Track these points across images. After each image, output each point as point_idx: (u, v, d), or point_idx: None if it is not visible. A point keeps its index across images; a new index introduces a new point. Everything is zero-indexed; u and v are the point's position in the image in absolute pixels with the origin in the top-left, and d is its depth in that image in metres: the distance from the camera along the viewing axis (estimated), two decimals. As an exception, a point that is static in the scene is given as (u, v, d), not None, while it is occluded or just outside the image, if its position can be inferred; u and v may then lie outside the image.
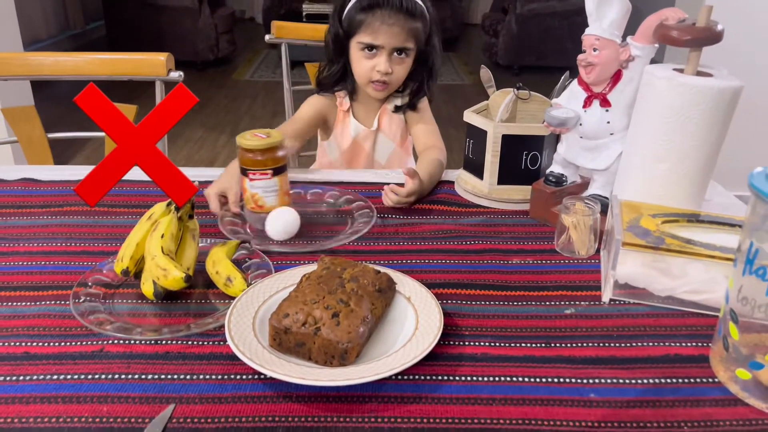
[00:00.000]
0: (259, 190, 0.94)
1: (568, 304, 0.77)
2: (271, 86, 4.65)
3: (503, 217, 1.01)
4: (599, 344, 0.69)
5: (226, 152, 3.32)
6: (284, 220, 0.92)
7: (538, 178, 1.03)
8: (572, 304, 0.77)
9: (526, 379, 0.63)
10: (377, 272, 0.72)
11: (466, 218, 1.01)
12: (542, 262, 0.87)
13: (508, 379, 0.63)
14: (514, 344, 0.69)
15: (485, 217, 1.01)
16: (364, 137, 1.32)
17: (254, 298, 0.72)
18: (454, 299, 0.77)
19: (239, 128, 0.96)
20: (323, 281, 0.69)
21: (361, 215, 0.99)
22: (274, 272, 0.79)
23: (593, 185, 0.99)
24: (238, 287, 0.76)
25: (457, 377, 0.63)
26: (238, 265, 0.81)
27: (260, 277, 0.79)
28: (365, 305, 0.66)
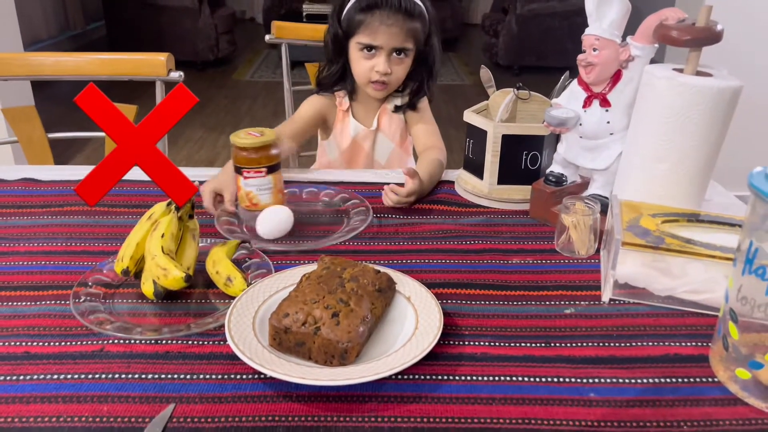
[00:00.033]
0: (253, 188, 0.95)
1: (568, 303, 0.77)
2: (271, 86, 4.66)
3: (503, 217, 1.01)
4: (599, 344, 0.69)
5: (226, 152, 3.32)
6: (275, 218, 0.92)
7: (538, 178, 1.03)
8: (572, 303, 0.77)
9: (525, 378, 0.63)
10: (377, 272, 0.72)
11: (466, 218, 1.01)
12: (542, 261, 0.87)
13: (507, 378, 0.63)
14: (513, 344, 0.69)
15: (485, 217, 1.01)
16: (363, 137, 1.32)
17: (254, 297, 0.72)
18: (454, 299, 0.77)
19: (239, 128, 0.96)
20: (323, 281, 0.69)
21: (356, 213, 0.99)
22: (274, 272, 0.79)
23: (593, 185, 0.99)
24: (238, 287, 0.76)
25: (457, 377, 0.63)
26: (238, 264, 0.81)
27: (260, 276, 0.79)
28: (365, 305, 0.66)
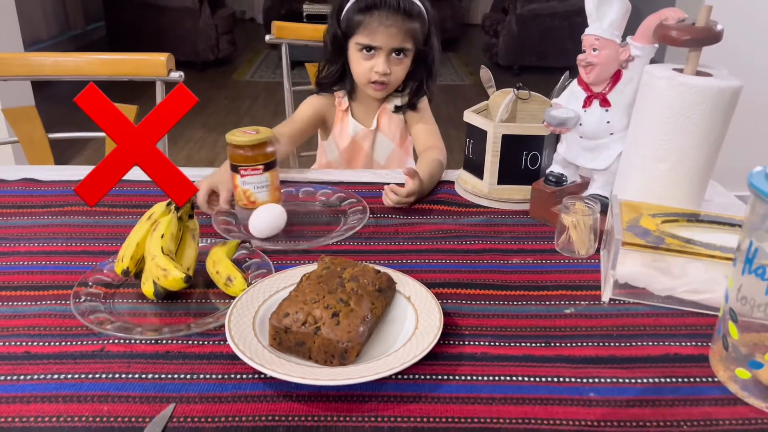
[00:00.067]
0: (250, 186, 0.95)
1: (568, 303, 0.77)
2: (271, 86, 4.66)
3: (503, 217, 1.01)
4: (599, 344, 0.69)
5: (226, 153, 3.31)
6: (268, 217, 0.92)
7: (538, 178, 1.03)
8: (572, 303, 0.77)
9: (525, 378, 0.63)
10: (377, 272, 0.72)
11: (466, 218, 1.01)
12: (542, 261, 0.87)
13: (507, 378, 0.63)
14: (514, 344, 0.69)
15: (485, 217, 1.01)
16: (362, 137, 1.32)
17: (254, 297, 0.72)
18: (454, 299, 0.77)
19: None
20: (323, 281, 0.69)
21: (353, 213, 1.00)
22: (274, 272, 0.79)
23: (593, 185, 0.99)
24: (238, 287, 0.76)
25: (457, 377, 0.63)
26: (238, 264, 0.81)
27: (260, 276, 0.79)
28: (365, 305, 0.66)
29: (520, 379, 0.63)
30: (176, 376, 0.63)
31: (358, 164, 1.35)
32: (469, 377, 0.63)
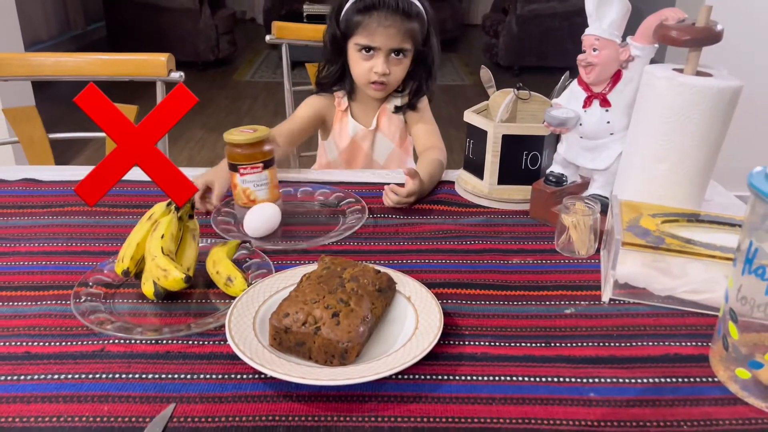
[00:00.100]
0: (250, 184, 0.95)
1: (568, 303, 0.77)
2: (271, 87, 4.66)
3: (503, 217, 1.01)
4: (599, 344, 0.69)
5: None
6: (262, 216, 0.92)
7: (538, 178, 1.03)
8: (572, 303, 0.77)
9: (525, 378, 0.63)
10: (377, 272, 0.72)
11: (466, 218, 1.01)
12: (542, 261, 0.87)
13: (507, 378, 0.63)
14: (514, 344, 0.69)
15: (485, 217, 1.01)
16: (362, 137, 1.32)
17: (254, 297, 0.72)
18: (454, 299, 0.77)
19: (240, 129, 0.98)
20: (323, 281, 0.69)
21: (352, 213, 1.00)
22: (274, 272, 0.79)
23: (593, 185, 0.99)
24: (238, 287, 0.76)
25: (457, 377, 0.63)
26: (238, 265, 0.81)
27: (260, 276, 0.79)
28: (365, 305, 0.66)
29: (520, 379, 0.63)
30: (176, 376, 0.63)
31: (357, 164, 1.35)
32: (469, 377, 0.63)
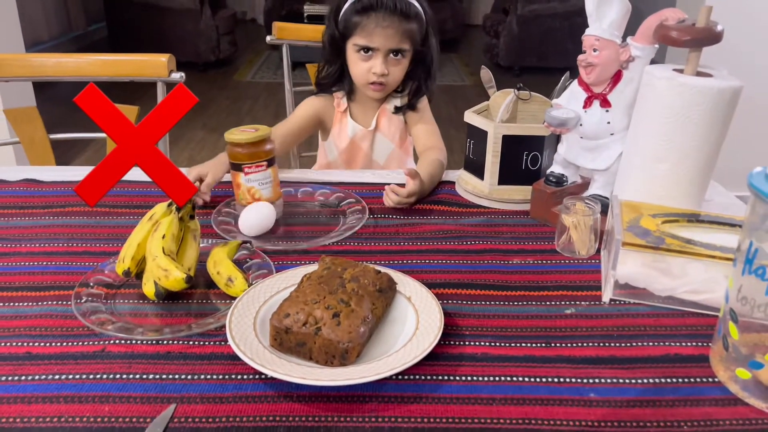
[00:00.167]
0: (255, 183, 0.95)
1: (568, 304, 0.77)
2: (272, 87, 4.66)
3: (504, 217, 1.01)
4: (599, 344, 0.69)
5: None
6: (258, 215, 0.92)
7: (538, 178, 1.03)
8: (572, 304, 0.77)
9: (526, 378, 0.63)
10: (378, 272, 0.72)
11: (466, 218, 1.01)
12: (542, 262, 0.87)
13: (508, 378, 0.63)
14: (514, 344, 0.69)
15: (486, 217, 1.01)
16: (361, 137, 1.32)
17: (255, 298, 0.72)
18: (454, 299, 0.77)
19: (241, 129, 0.99)
20: (324, 281, 0.69)
21: (352, 213, 1.00)
22: (275, 272, 0.79)
23: (593, 185, 0.99)
24: (239, 287, 0.76)
25: (457, 377, 0.63)
26: (239, 265, 0.81)
27: (261, 277, 0.79)
28: (366, 305, 0.66)
29: (520, 379, 0.63)
30: (177, 376, 0.63)
31: (357, 165, 1.35)
32: (469, 378, 0.63)
